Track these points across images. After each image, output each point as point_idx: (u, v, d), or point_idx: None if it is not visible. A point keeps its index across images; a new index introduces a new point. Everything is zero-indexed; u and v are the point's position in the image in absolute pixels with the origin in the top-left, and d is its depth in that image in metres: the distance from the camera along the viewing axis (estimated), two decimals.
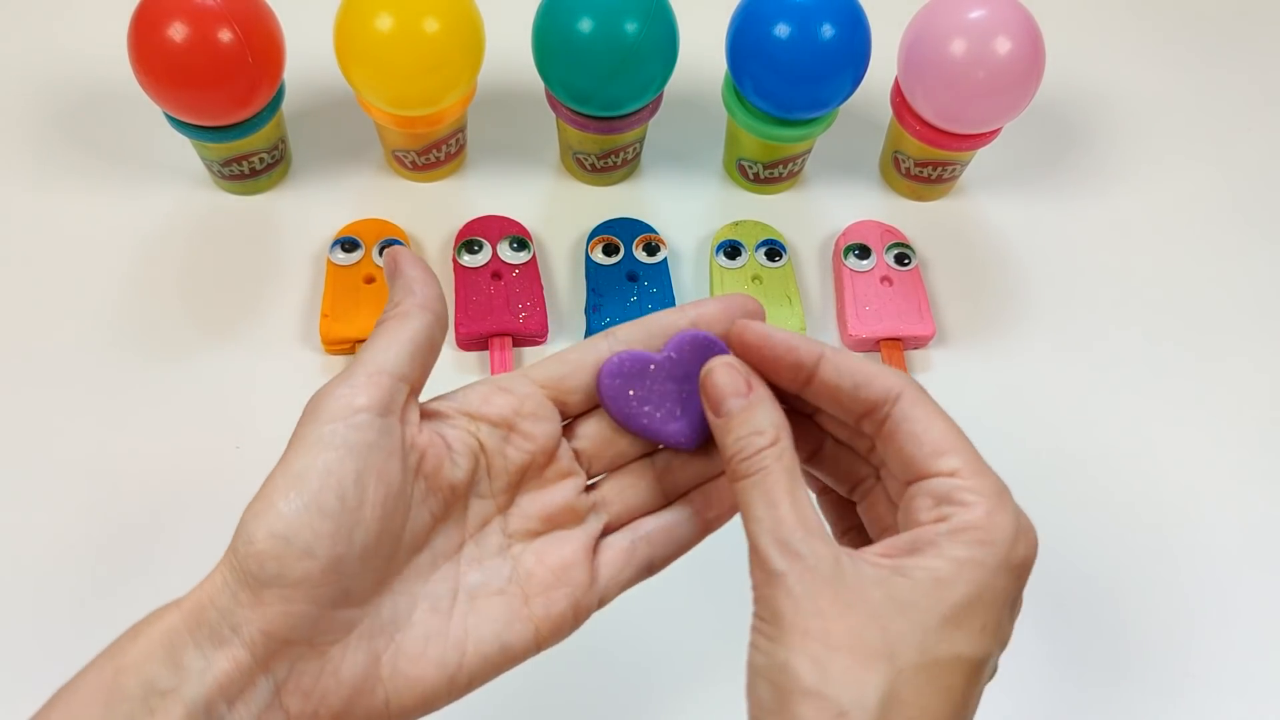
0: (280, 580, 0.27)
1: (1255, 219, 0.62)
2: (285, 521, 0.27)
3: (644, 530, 0.33)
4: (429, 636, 0.30)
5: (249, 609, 0.27)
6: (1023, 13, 0.53)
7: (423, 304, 0.32)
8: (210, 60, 0.49)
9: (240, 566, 0.27)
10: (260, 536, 0.27)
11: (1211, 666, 0.48)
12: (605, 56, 0.51)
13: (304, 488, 0.28)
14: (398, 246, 0.33)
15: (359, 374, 0.30)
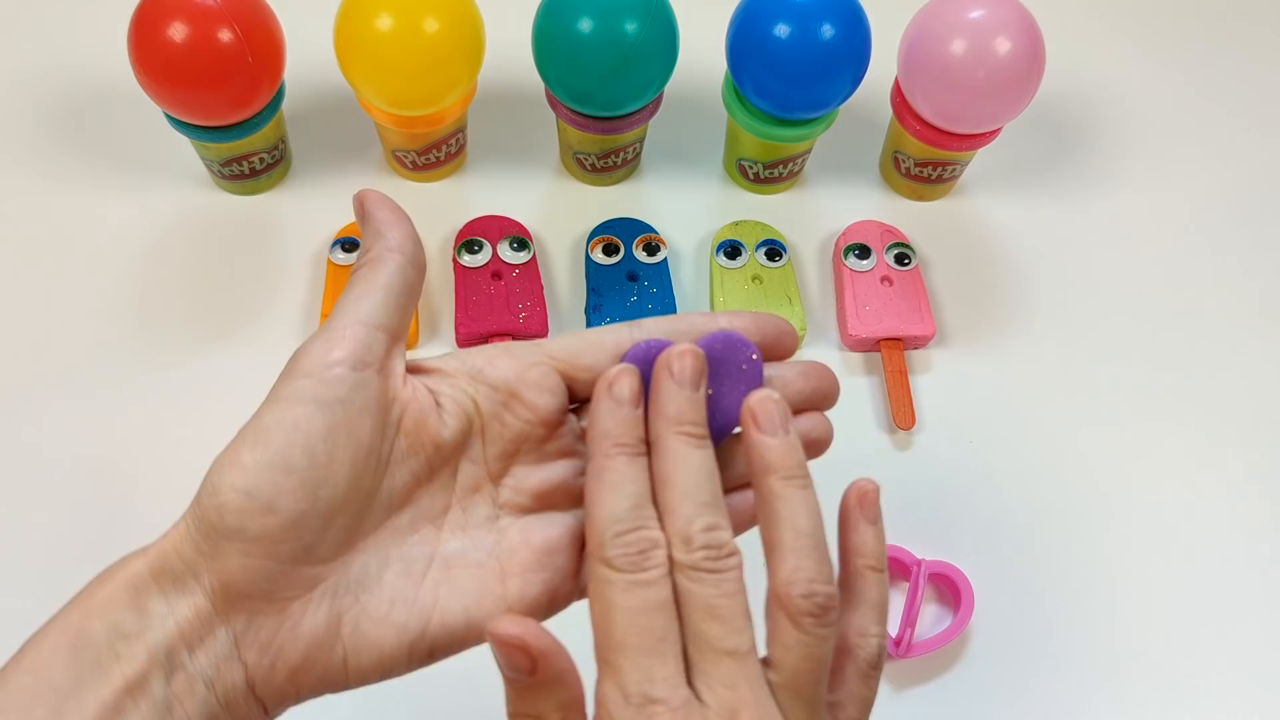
0: (240, 534, 0.27)
1: (1255, 219, 0.62)
2: (248, 476, 0.27)
3: None
4: (395, 600, 0.29)
5: (209, 559, 0.27)
6: (1023, 13, 0.53)
7: (395, 247, 0.31)
8: (210, 60, 0.49)
9: (202, 517, 0.27)
10: (223, 489, 0.27)
11: (1211, 666, 0.48)
12: (605, 56, 0.51)
13: (269, 442, 0.27)
14: (366, 189, 0.32)
15: (335, 326, 0.29)
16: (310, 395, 0.28)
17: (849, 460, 0.52)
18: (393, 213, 0.31)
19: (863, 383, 0.55)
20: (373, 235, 0.31)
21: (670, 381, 0.29)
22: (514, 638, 0.27)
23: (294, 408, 0.28)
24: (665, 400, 0.30)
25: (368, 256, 0.31)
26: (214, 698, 0.27)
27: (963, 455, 0.53)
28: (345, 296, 0.30)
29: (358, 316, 0.29)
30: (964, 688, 0.46)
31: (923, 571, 0.47)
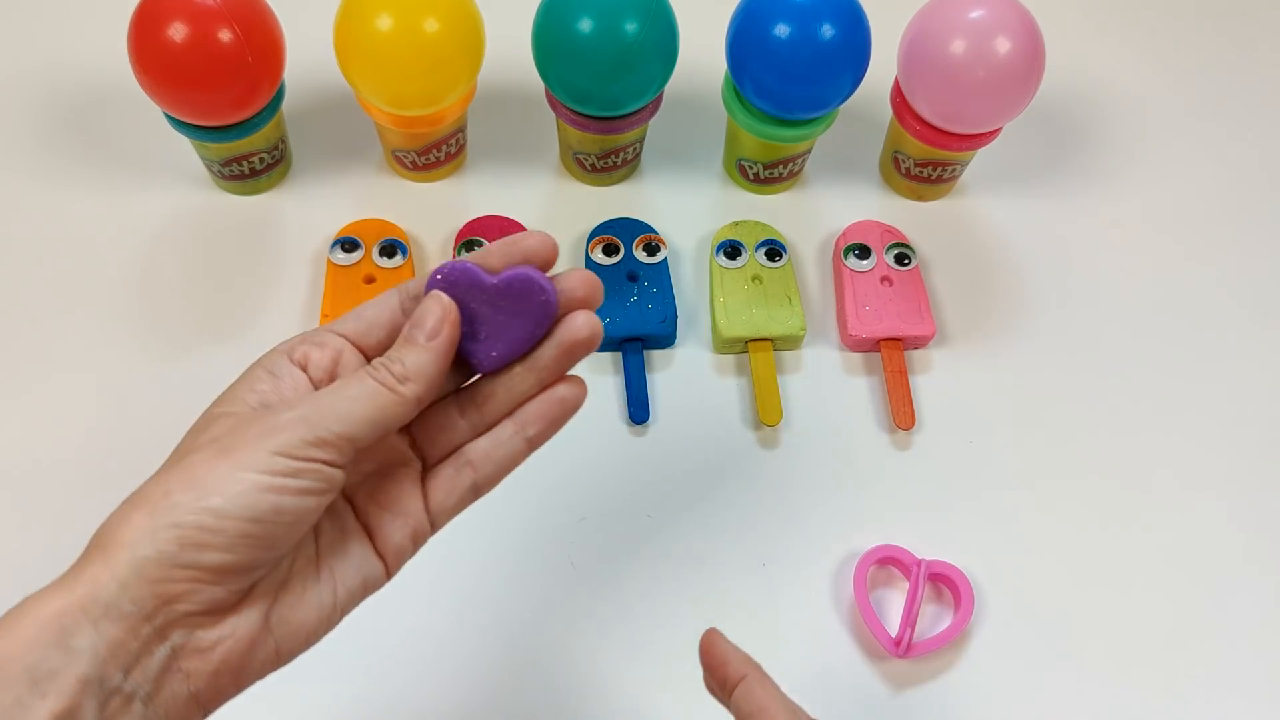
0: (195, 564, 0.28)
1: (1255, 219, 0.62)
2: (216, 517, 0.28)
3: (466, 457, 0.35)
4: (306, 585, 0.32)
5: (154, 584, 0.28)
6: (1023, 13, 0.53)
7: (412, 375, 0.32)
8: (210, 60, 0.49)
9: (158, 541, 0.28)
10: (189, 523, 0.28)
11: (1211, 666, 0.48)
12: (605, 56, 0.51)
13: (241, 492, 0.29)
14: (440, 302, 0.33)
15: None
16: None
17: (850, 460, 0.53)
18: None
19: (863, 383, 0.55)
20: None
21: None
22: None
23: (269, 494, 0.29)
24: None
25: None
26: (152, 711, 0.28)
27: (963, 455, 0.53)
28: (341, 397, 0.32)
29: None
30: (964, 688, 0.46)
31: (923, 571, 0.47)
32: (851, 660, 0.47)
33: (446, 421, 0.35)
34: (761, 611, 0.48)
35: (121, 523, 0.29)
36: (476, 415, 0.35)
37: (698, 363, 0.55)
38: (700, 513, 0.50)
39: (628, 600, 0.48)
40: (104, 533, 0.29)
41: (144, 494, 0.30)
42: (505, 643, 0.46)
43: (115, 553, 0.28)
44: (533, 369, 0.34)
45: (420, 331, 0.33)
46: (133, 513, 0.29)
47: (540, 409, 0.35)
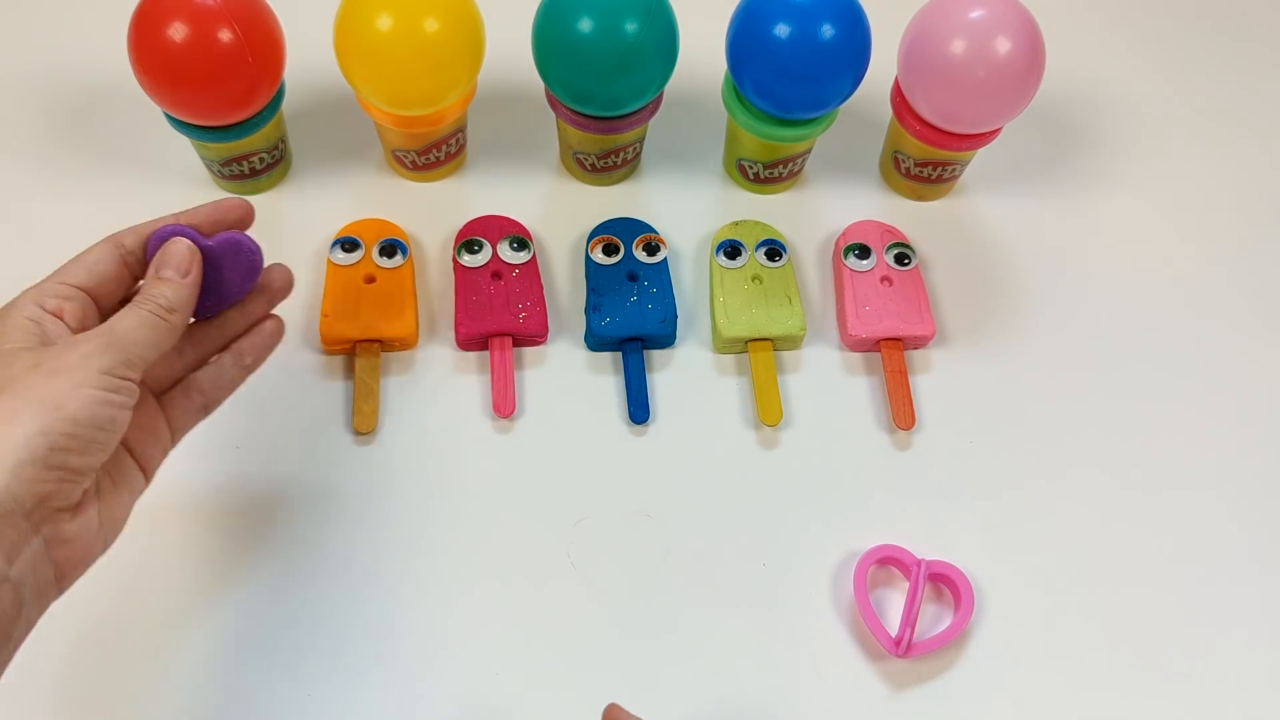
0: (63, 465, 0.34)
1: (1255, 219, 0.62)
2: (74, 425, 0.34)
3: (195, 385, 0.43)
4: (116, 486, 0.39)
5: (31, 484, 0.33)
6: (1023, 13, 0.53)
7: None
8: (210, 60, 0.49)
9: (32, 447, 0.33)
10: (56, 430, 0.34)
11: (1211, 666, 0.48)
12: (605, 56, 0.51)
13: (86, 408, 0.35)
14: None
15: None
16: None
17: (849, 460, 0.53)
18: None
19: (863, 383, 0.55)
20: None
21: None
22: None
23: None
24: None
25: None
26: (29, 595, 0.34)
27: (963, 455, 0.53)
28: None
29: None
30: (964, 688, 0.46)
31: (923, 571, 0.47)
32: (851, 660, 0.47)
33: (168, 358, 0.42)
34: (761, 611, 0.48)
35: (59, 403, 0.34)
36: (192, 353, 0.43)
37: (698, 363, 0.55)
38: (700, 513, 0.50)
39: (627, 600, 0.48)
40: (41, 426, 0.33)
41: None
42: (505, 642, 0.46)
43: (13, 453, 0.33)
44: (244, 313, 0.44)
45: (171, 271, 0.40)
46: (68, 384, 0.34)
47: (254, 342, 0.45)
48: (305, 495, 0.49)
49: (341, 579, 0.47)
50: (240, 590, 0.47)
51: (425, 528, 0.49)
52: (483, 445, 0.51)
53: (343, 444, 0.51)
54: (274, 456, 0.50)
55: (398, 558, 0.48)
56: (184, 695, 0.44)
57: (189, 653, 0.45)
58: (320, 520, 0.49)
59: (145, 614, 0.46)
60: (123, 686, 0.44)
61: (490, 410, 0.52)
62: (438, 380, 0.53)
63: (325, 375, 0.53)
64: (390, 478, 0.50)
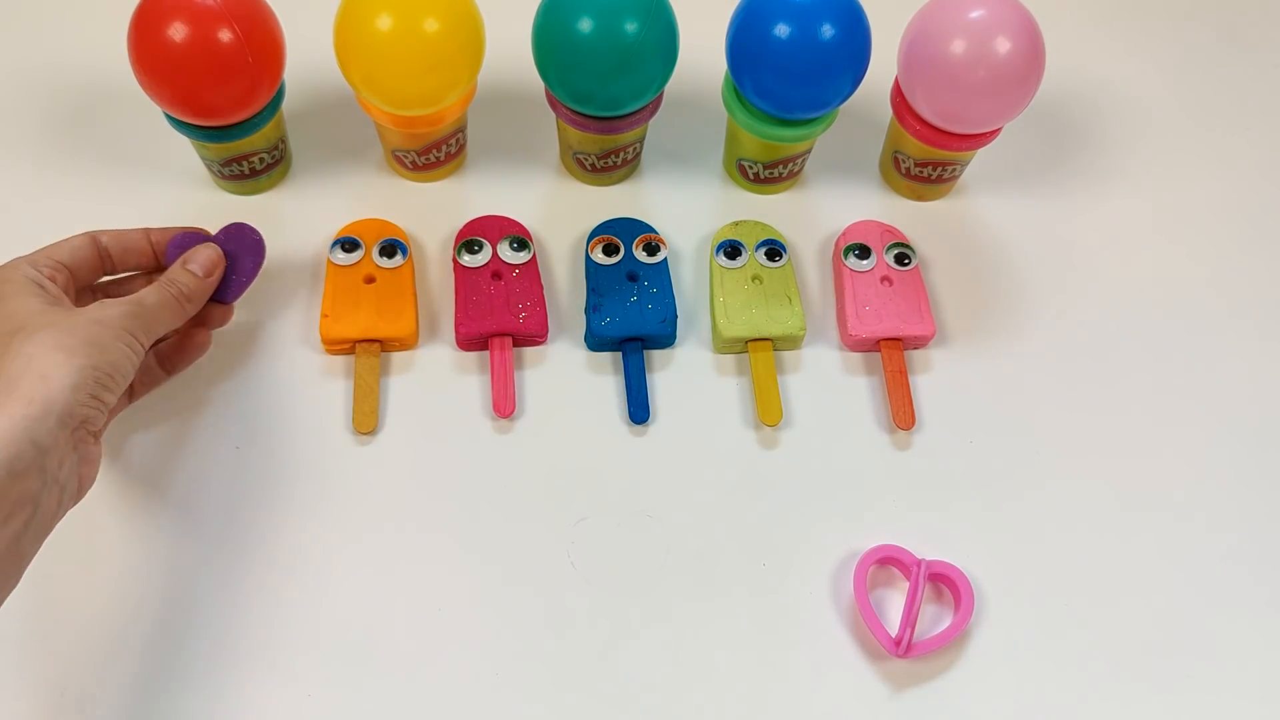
0: (101, 398, 0.41)
1: (1255, 219, 0.62)
2: (113, 367, 0.42)
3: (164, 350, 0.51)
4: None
5: (79, 407, 0.40)
6: (1023, 13, 0.53)
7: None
8: (210, 60, 0.49)
9: (84, 379, 0.40)
10: (102, 367, 0.41)
11: (1211, 666, 0.48)
12: (605, 56, 0.51)
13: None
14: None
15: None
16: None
17: (849, 460, 0.53)
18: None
19: (863, 383, 0.55)
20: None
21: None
22: None
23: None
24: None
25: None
26: (66, 499, 0.40)
27: (963, 455, 0.53)
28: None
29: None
30: (964, 688, 0.46)
31: (923, 571, 0.47)
32: (851, 660, 0.47)
33: None
34: (761, 612, 0.48)
35: (43, 364, 0.39)
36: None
37: (698, 363, 0.55)
38: (700, 513, 0.50)
39: (627, 601, 0.48)
40: (23, 369, 0.39)
41: (45, 343, 0.40)
42: (505, 642, 0.46)
43: (51, 384, 0.39)
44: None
45: (197, 267, 0.48)
46: (52, 354, 0.40)
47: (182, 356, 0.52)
48: (305, 495, 0.49)
49: (341, 579, 0.47)
50: (240, 590, 0.47)
51: (425, 528, 0.49)
52: (483, 445, 0.51)
53: (343, 444, 0.51)
54: (274, 456, 0.50)
55: (397, 558, 0.48)
56: (183, 695, 0.44)
57: (188, 652, 0.45)
58: (320, 520, 0.49)
59: (145, 613, 0.46)
60: (122, 686, 0.44)
61: (490, 410, 0.52)
62: (438, 380, 0.53)
63: (325, 375, 0.53)
64: (390, 478, 0.50)
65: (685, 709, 0.45)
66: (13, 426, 0.37)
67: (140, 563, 0.47)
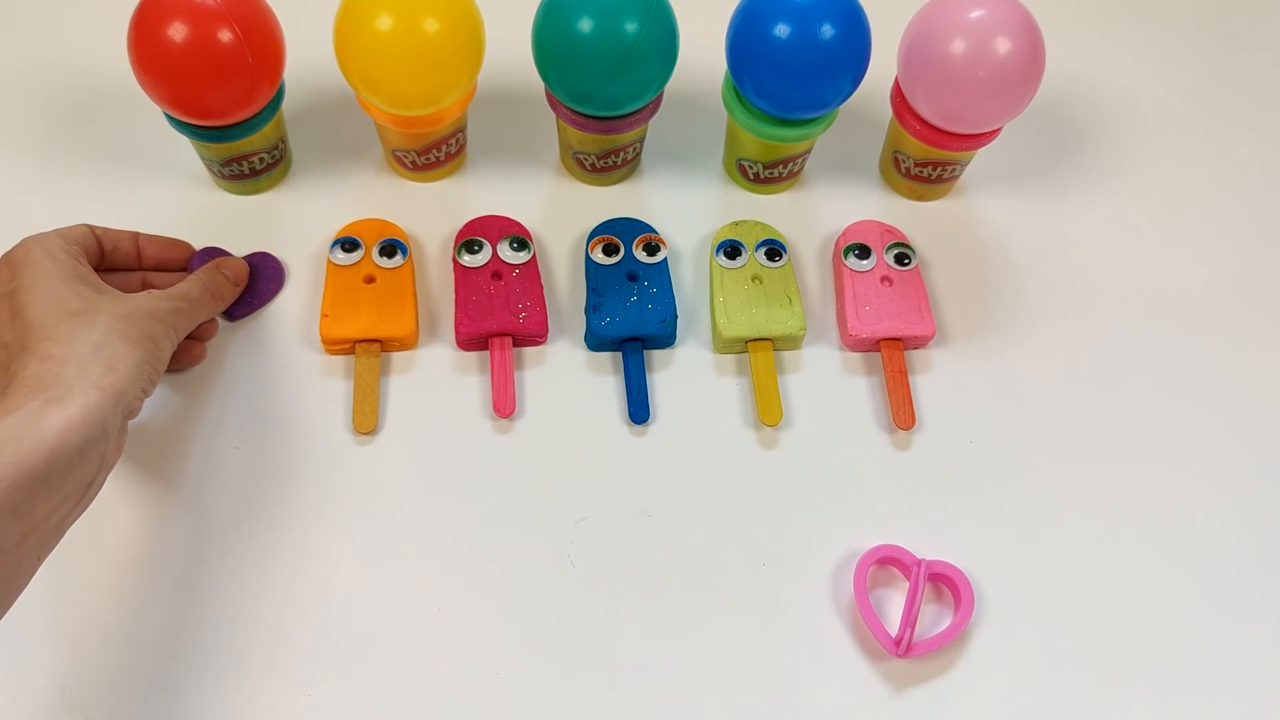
0: (147, 390, 0.44)
1: (1255, 219, 0.62)
2: (160, 364, 0.46)
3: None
4: None
5: (135, 399, 0.43)
6: (1023, 13, 0.53)
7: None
8: (210, 60, 0.49)
9: (143, 372, 0.43)
10: (156, 363, 0.45)
11: (1212, 666, 0.48)
12: (605, 56, 0.51)
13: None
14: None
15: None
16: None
17: (850, 460, 0.53)
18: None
19: (863, 383, 0.55)
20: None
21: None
22: None
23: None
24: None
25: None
26: (103, 474, 0.42)
27: (963, 455, 0.53)
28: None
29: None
30: (964, 688, 0.46)
31: (923, 571, 0.47)
32: (852, 660, 0.47)
33: None
34: (761, 611, 0.48)
35: (111, 353, 0.42)
36: None
37: (698, 363, 0.55)
38: (700, 513, 0.50)
39: (627, 600, 0.48)
40: (93, 355, 0.42)
41: (112, 331, 0.43)
42: (505, 642, 0.47)
43: (119, 374, 0.42)
44: None
45: (231, 272, 0.52)
46: (118, 344, 0.42)
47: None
48: (305, 495, 0.49)
49: (341, 579, 0.47)
50: (240, 589, 0.47)
51: (425, 528, 0.49)
52: (483, 445, 0.51)
53: (343, 444, 0.51)
54: (274, 456, 0.50)
55: (398, 558, 0.48)
56: (184, 694, 0.44)
57: (189, 651, 0.45)
58: (320, 519, 0.49)
59: (144, 613, 0.46)
60: (122, 686, 0.44)
61: (490, 410, 0.52)
62: (438, 380, 0.53)
63: (325, 375, 0.53)
64: (390, 478, 0.50)
65: (685, 709, 0.45)
66: (89, 412, 0.40)
67: (140, 562, 0.47)
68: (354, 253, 0.55)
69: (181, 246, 0.54)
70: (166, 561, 0.47)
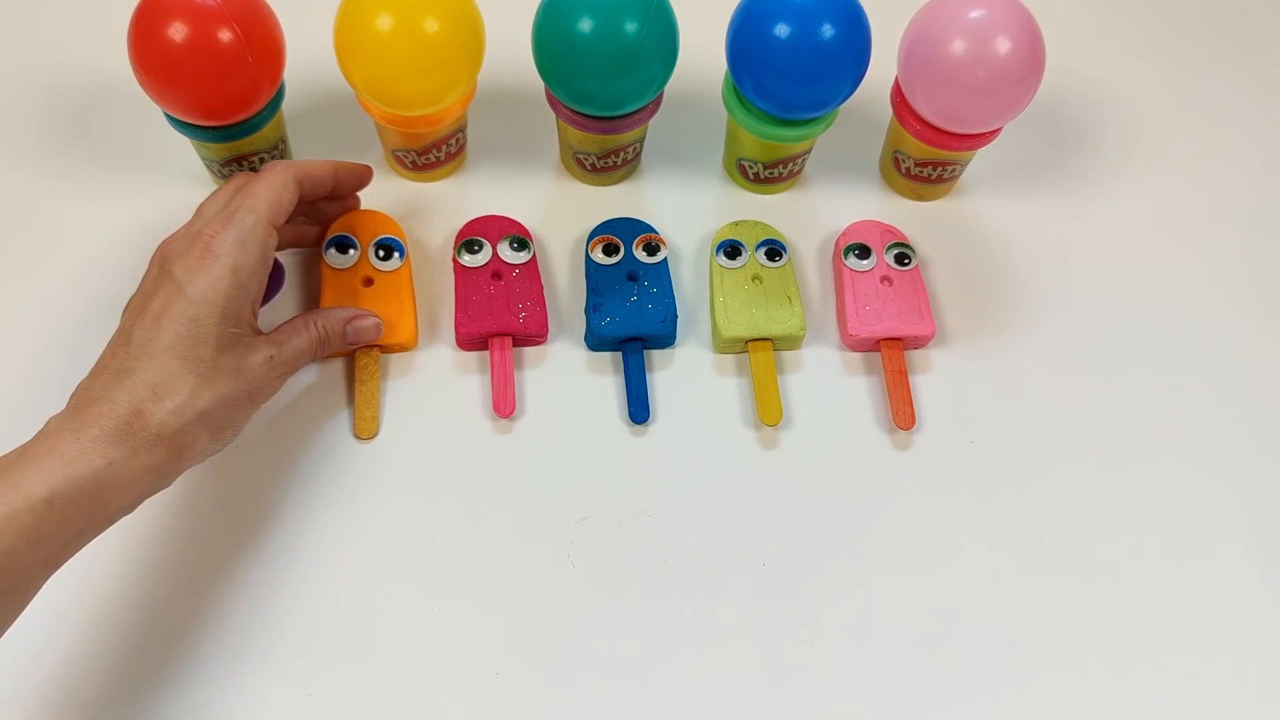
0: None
1: (1255, 219, 0.62)
2: None
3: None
4: None
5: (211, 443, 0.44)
6: (1023, 13, 0.53)
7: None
8: (210, 60, 0.49)
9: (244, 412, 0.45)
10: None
11: (1212, 666, 0.48)
12: (605, 56, 0.51)
13: None
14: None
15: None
16: None
17: (849, 460, 0.53)
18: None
19: (863, 383, 0.55)
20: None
21: None
22: None
23: None
24: None
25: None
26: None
27: (963, 455, 0.53)
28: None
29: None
30: (964, 688, 0.46)
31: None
32: (852, 660, 0.47)
33: None
34: (761, 611, 0.48)
35: (190, 438, 0.42)
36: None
37: (698, 363, 0.55)
38: (700, 513, 0.50)
39: (627, 601, 0.48)
40: (171, 434, 0.41)
41: (209, 414, 0.42)
42: (505, 642, 0.47)
43: (182, 462, 0.42)
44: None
45: (352, 333, 0.51)
46: (201, 438, 0.42)
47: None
48: (306, 494, 0.49)
49: (341, 578, 0.47)
50: (240, 589, 0.47)
51: (425, 528, 0.49)
52: (483, 445, 0.51)
53: (343, 444, 0.51)
54: (274, 456, 0.50)
55: (398, 558, 0.48)
56: (184, 695, 0.44)
57: (189, 652, 0.45)
58: (320, 519, 0.49)
59: (144, 613, 0.46)
60: (122, 686, 0.44)
61: (490, 410, 0.52)
62: (438, 380, 0.53)
63: (326, 375, 0.53)
64: (390, 478, 0.50)
65: (685, 708, 0.45)
66: (136, 491, 0.40)
67: (141, 562, 0.47)
68: (349, 253, 0.54)
69: (368, 174, 0.55)
70: (166, 561, 0.47)
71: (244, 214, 0.45)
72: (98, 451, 0.39)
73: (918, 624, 0.48)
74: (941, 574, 0.49)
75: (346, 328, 0.50)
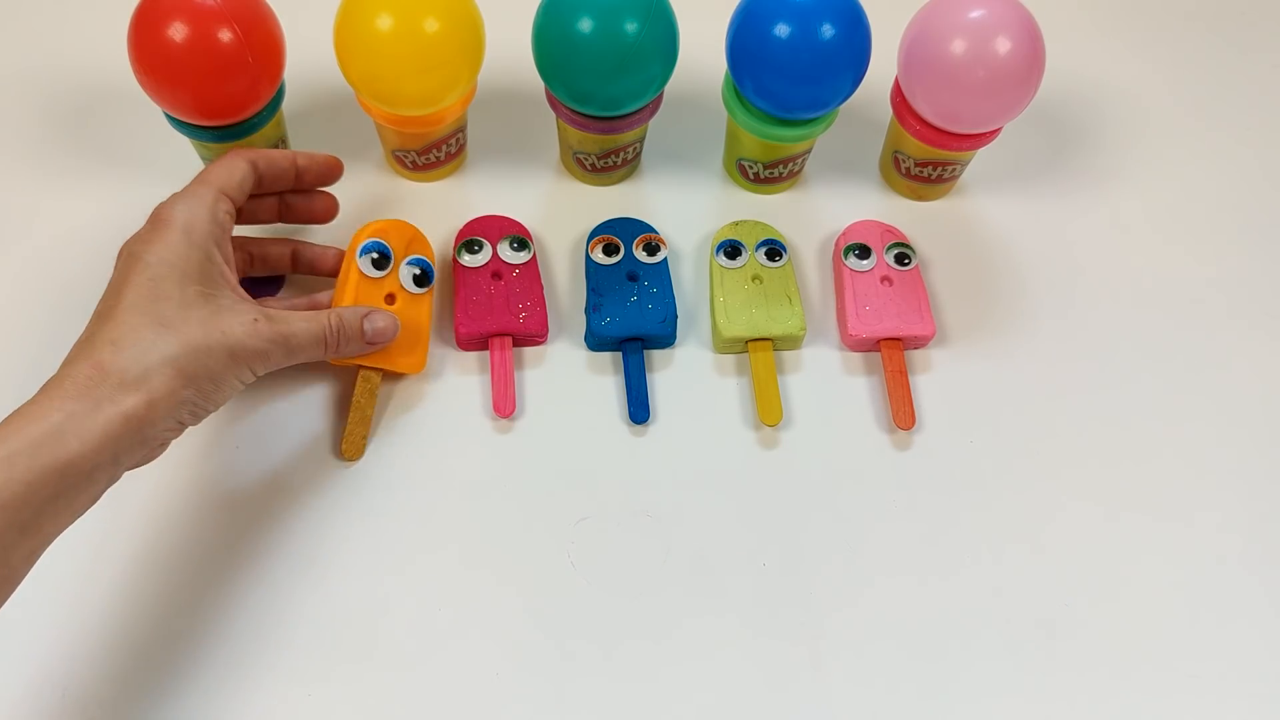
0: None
1: (1255, 219, 0.62)
2: None
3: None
4: None
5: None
6: (1023, 13, 0.53)
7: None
8: (210, 60, 0.49)
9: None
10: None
11: (1213, 666, 0.48)
12: (605, 56, 0.51)
13: None
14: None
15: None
16: None
17: (849, 460, 0.53)
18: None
19: (863, 383, 0.55)
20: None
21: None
22: None
23: None
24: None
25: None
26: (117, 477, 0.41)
27: (963, 455, 0.53)
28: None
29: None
30: (964, 688, 0.46)
31: None
32: (851, 660, 0.47)
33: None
34: (761, 611, 0.48)
35: (158, 383, 0.40)
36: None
37: (698, 363, 0.55)
38: (700, 513, 0.50)
39: (627, 601, 0.48)
40: (134, 378, 0.40)
41: (179, 357, 0.41)
42: (505, 643, 0.47)
43: (152, 408, 0.40)
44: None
45: (370, 330, 0.49)
46: (170, 379, 0.41)
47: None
48: (305, 494, 0.49)
49: (341, 578, 0.47)
50: (240, 589, 0.47)
51: (425, 527, 0.49)
52: (483, 445, 0.51)
53: None
54: (274, 456, 0.50)
55: (398, 558, 0.48)
56: (184, 695, 0.44)
57: (189, 652, 0.45)
58: (320, 519, 0.49)
59: (145, 613, 0.46)
60: (121, 686, 0.44)
61: (490, 410, 0.52)
62: (438, 380, 0.53)
63: (326, 374, 0.53)
64: (390, 477, 0.50)
65: (685, 709, 0.45)
66: (105, 440, 0.39)
67: (141, 562, 0.47)
68: (384, 268, 0.52)
69: (336, 166, 0.53)
70: (167, 561, 0.47)
71: (192, 185, 0.47)
72: (55, 406, 0.38)
73: (918, 624, 0.48)
74: (942, 574, 0.49)
75: (364, 322, 0.48)
